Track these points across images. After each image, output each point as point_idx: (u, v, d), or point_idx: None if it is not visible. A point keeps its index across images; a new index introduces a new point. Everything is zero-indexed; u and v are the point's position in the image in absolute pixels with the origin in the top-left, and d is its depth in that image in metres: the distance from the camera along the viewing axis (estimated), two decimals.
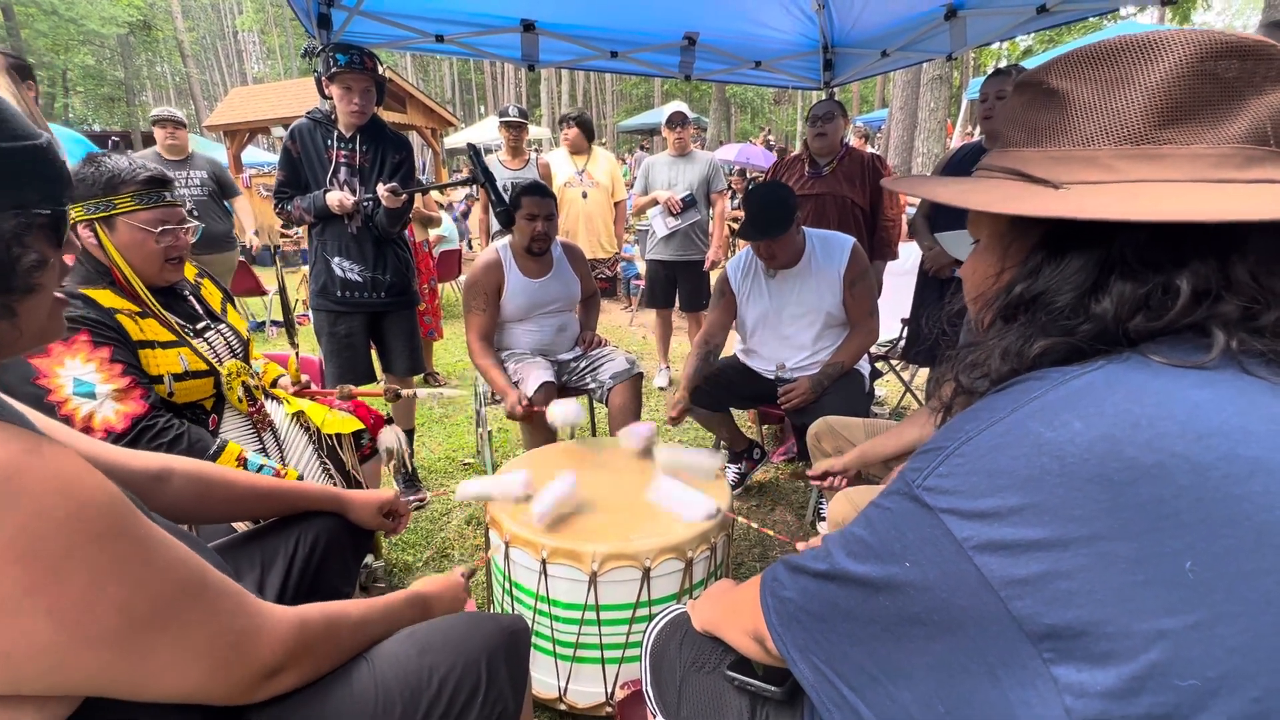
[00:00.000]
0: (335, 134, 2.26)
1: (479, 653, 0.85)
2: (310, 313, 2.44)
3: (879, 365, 3.07)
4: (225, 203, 4.17)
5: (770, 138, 16.66)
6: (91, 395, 1.26)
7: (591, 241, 3.92)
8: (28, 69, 2.40)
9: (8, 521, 0.49)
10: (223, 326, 1.60)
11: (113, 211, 1.34)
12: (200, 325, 1.53)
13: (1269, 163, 0.49)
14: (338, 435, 1.71)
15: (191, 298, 1.57)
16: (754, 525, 1.58)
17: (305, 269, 2.52)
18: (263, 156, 14.76)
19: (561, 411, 1.88)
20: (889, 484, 0.56)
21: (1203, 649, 0.40)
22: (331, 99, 2.23)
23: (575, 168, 3.86)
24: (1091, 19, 2.98)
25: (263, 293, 5.21)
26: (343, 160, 2.26)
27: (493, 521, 1.49)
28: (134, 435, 1.29)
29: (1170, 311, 0.47)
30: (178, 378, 1.42)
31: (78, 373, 1.26)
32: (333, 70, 2.15)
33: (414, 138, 11.15)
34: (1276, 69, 0.49)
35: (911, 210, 4.18)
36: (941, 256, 2.67)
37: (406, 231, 2.51)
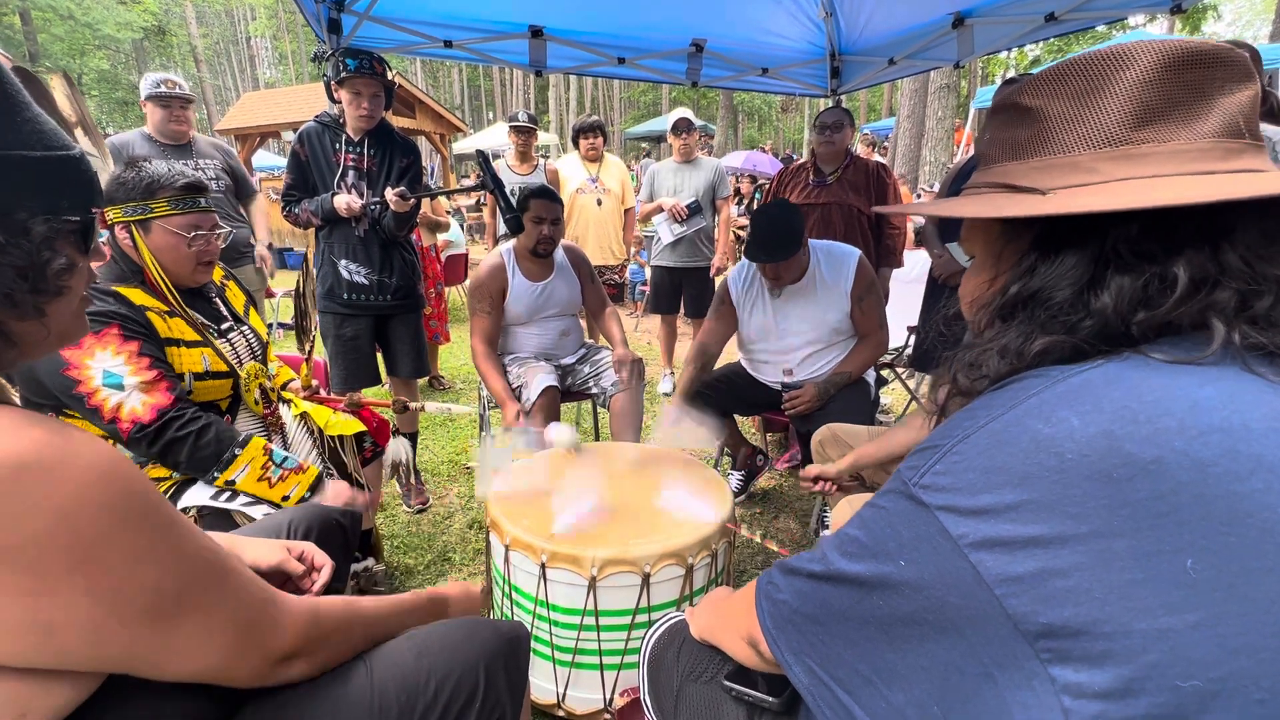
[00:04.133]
0: (343, 138, 2.28)
1: (477, 658, 0.85)
2: (316, 315, 2.45)
3: (884, 373, 3.05)
4: (239, 205, 3.22)
5: (771, 148, 16.70)
6: (120, 386, 1.30)
7: (603, 248, 3.95)
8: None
9: (50, 506, 0.50)
10: (245, 328, 1.64)
11: (149, 215, 1.38)
12: (224, 326, 1.57)
13: (1248, 154, 0.50)
14: (340, 437, 1.72)
15: (217, 299, 1.60)
16: (757, 538, 1.56)
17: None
18: (273, 160, 14.91)
19: (557, 435, 1.88)
20: (886, 484, 0.56)
21: (1205, 649, 0.39)
22: (341, 103, 2.25)
23: (589, 174, 3.87)
24: (1100, 28, 2.98)
25: (271, 295, 5.23)
26: (350, 164, 2.28)
27: (493, 525, 1.48)
28: (160, 426, 1.32)
29: (1169, 300, 0.47)
30: (198, 377, 1.45)
31: (107, 364, 1.29)
32: (342, 75, 2.17)
33: (423, 143, 11.22)
34: (1238, 71, 0.50)
35: (920, 219, 4.17)
36: (951, 264, 2.66)
37: (413, 235, 2.52)
